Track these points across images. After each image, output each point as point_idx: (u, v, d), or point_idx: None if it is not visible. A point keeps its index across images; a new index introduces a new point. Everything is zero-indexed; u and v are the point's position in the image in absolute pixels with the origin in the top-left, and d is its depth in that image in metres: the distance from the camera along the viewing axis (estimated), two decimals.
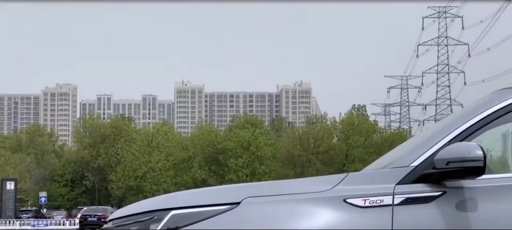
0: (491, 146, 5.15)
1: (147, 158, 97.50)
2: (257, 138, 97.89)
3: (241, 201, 4.19)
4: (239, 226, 4.10)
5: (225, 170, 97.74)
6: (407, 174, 4.18)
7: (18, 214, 71.58)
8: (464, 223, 4.05)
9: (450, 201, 4.09)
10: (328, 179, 4.31)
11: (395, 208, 4.09)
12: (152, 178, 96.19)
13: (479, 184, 4.12)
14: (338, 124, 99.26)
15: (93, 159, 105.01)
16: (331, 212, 4.10)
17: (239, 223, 4.11)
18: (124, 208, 4.68)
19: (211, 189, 4.67)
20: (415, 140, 4.72)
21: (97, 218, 49.90)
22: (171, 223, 4.20)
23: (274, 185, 4.44)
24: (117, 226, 4.48)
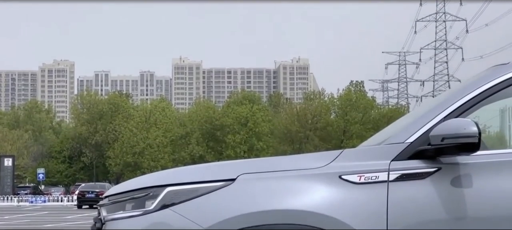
0: (488, 122, 5.15)
1: (145, 134, 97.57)
2: (255, 114, 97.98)
3: (237, 178, 4.20)
4: (235, 202, 4.10)
5: (223, 146, 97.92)
6: (403, 150, 4.18)
7: (16, 190, 71.71)
8: (459, 199, 4.06)
9: (445, 177, 4.09)
10: (324, 155, 4.32)
11: (390, 184, 4.10)
12: (150, 154, 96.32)
13: (474, 160, 4.13)
14: (336, 100, 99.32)
15: (91, 135, 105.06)
16: (326, 188, 4.11)
17: (234, 199, 4.12)
18: (120, 184, 4.69)
19: (206, 166, 4.67)
20: (411, 116, 4.72)
21: (95, 194, 49.95)
22: (167, 200, 4.21)
23: (269, 162, 4.44)
24: (113, 202, 4.48)
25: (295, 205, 4.06)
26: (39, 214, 40.75)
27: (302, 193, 4.11)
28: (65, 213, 40.89)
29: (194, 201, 4.16)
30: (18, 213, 40.97)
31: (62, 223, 29.52)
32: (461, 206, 4.04)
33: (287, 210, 4.05)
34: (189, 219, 4.10)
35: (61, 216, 36.66)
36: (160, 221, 4.17)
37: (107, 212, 4.47)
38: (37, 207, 53.88)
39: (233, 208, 4.09)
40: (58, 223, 29.09)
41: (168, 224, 4.14)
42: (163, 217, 4.17)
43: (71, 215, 37.89)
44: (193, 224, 4.09)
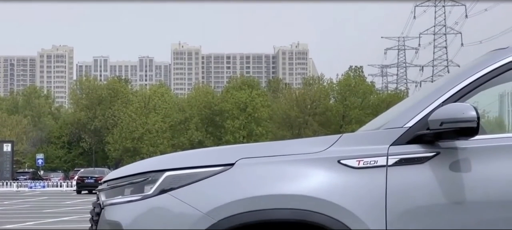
0: (487, 107, 5.15)
1: (144, 120, 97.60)
2: (254, 99, 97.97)
3: (235, 162, 4.20)
4: (234, 187, 4.11)
5: (222, 132, 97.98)
6: (401, 134, 4.18)
7: (15, 175, 71.81)
8: (457, 183, 4.06)
9: (444, 162, 4.09)
10: (322, 140, 4.32)
11: (389, 169, 4.10)
12: (149, 140, 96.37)
13: (473, 145, 4.13)
14: (335, 85, 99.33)
15: (90, 121, 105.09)
16: (325, 173, 4.11)
17: (233, 184, 4.12)
18: (119, 169, 4.69)
19: (205, 150, 4.67)
20: (410, 101, 4.72)
21: (94, 179, 50.01)
22: (166, 184, 4.21)
23: (268, 146, 4.44)
24: (111, 187, 4.48)
25: (294, 190, 4.07)
26: (38, 199, 40.81)
27: (301, 177, 4.11)
28: (64, 198, 40.95)
29: (193, 186, 4.16)
30: (17, 198, 41.03)
31: (62, 208, 29.57)
32: (459, 191, 4.05)
33: (286, 195, 4.05)
34: (188, 204, 4.11)
35: (60, 201, 36.72)
36: (159, 206, 4.17)
37: (106, 197, 4.47)
38: (36, 192, 53.96)
39: (232, 192, 4.09)
40: (57, 208, 29.13)
41: (167, 209, 4.15)
42: (162, 201, 4.17)
43: (70, 200, 37.95)
44: (192, 209, 4.09)
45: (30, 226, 19.14)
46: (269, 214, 4.04)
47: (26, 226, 19.31)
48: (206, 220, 4.05)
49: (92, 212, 4.65)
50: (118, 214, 4.28)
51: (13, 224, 19.78)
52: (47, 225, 19.40)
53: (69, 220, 21.51)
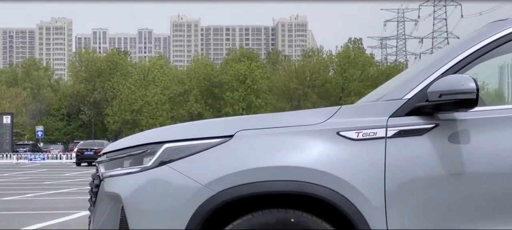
0: (487, 79, 5.15)
1: (143, 92, 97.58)
2: (253, 71, 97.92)
3: (234, 134, 4.20)
4: (233, 159, 4.11)
5: (221, 104, 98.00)
6: (400, 106, 4.18)
7: (15, 148, 71.84)
8: (456, 155, 4.06)
9: (442, 133, 4.09)
10: (321, 112, 4.31)
11: (388, 140, 4.10)
12: (148, 112, 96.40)
13: (472, 116, 4.12)
14: (334, 57, 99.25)
15: (89, 93, 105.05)
16: (324, 145, 4.11)
17: (232, 156, 4.12)
18: (118, 141, 4.69)
19: (204, 122, 4.67)
20: (409, 73, 4.71)
21: (94, 152, 50.02)
22: (165, 156, 4.21)
23: (267, 118, 4.44)
24: (111, 159, 4.49)
25: (293, 162, 4.07)
26: (38, 171, 40.88)
27: (300, 149, 4.11)
28: (64, 170, 41.02)
29: (192, 158, 4.16)
30: (17, 170, 41.09)
31: (61, 180, 29.62)
32: (458, 162, 4.05)
33: (285, 167, 4.06)
34: (187, 176, 4.11)
35: (60, 173, 36.78)
36: (158, 178, 4.17)
37: (105, 169, 4.48)
38: (36, 164, 54.05)
39: (231, 164, 4.09)
40: (57, 180, 29.18)
41: (165, 181, 4.15)
42: (161, 173, 4.18)
43: (70, 172, 38.01)
44: (191, 181, 4.09)
45: (29, 198, 19.18)
46: (268, 186, 4.05)
47: (25, 197, 19.35)
48: (205, 192, 4.06)
49: (91, 184, 4.66)
50: (117, 186, 4.28)
51: (12, 196, 19.82)
52: (47, 197, 19.45)
53: (69, 192, 21.56)
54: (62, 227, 11.92)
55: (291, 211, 4.08)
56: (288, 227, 4.06)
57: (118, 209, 4.26)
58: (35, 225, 12.12)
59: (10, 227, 11.87)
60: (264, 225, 4.07)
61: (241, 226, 4.08)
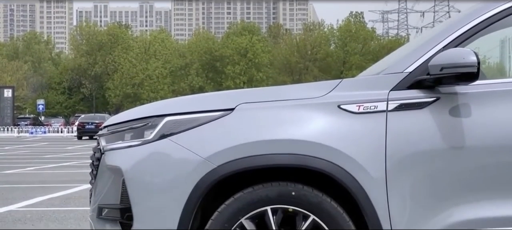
0: (488, 53, 5.14)
1: (144, 66, 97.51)
2: (255, 45, 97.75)
3: (236, 107, 4.20)
4: (233, 132, 4.11)
5: (222, 77, 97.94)
6: (401, 80, 4.17)
7: (16, 121, 71.89)
8: (457, 128, 4.06)
9: (443, 107, 4.09)
10: (322, 85, 4.31)
11: (389, 114, 4.10)
12: (149, 86, 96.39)
13: (473, 90, 4.12)
14: (335, 31, 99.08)
15: (90, 67, 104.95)
16: (325, 118, 4.11)
17: (233, 129, 4.12)
18: (119, 114, 4.69)
19: (205, 95, 4.67)
20: (410, 46, 4.70)
21: (95, 125, 50.02)
22: (165, 129, 4.21)
23: (268, 91, 4.43)
24: (112, 132, 4.49)
25: (294, 135, 4.07)
26: (39, 144, 40.94)
27: (301, 122, 4.11)
28: (65, 144, 41.07)
29: (193, 131, 4.17)
30: (18, 144, 41.15)
31: (62, 153, 29.67)
32: (459, 136, 4.05)
33: (286, 140, 4.06)
34: (188, 149, 4.11)
35: (61, 147, 36.83)
36: (159, 151, 4.18)
37: (106, 142, 4.48)
38: (37, 138, 54.11)
39: (232, 137, 4.10)
40: (58, 154, 29.23)
41: (166, 154, 4.16)
42: (162, 146, 4.18)
43: (71, 146, 38.07)
44: (191, 154, 4.10)
45: (31, 171, 19.22)
46: (269, 159, 4.05)
47: (27, 171, 19.39)
48: (206, 165, 4.06)
49: (92, 157, 4.67)
50: (118, 159, 4.29)
51: (14, 169, 19.86)
52: (48, 170, 19.49)
53: (70, 165, 21.60)
54: (63, 200, 11.95)
55: (292, 184, 4.09)
56: (289, 200, 4.07)
57: (119, 182, 4.27)
58: (36, 198, 12.15)
59: (11, 199, 11.90)
60: (265, 198, 4.08)
61: (242, 199, 4.08)
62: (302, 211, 4.08)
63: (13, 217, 9.94)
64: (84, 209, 10.41)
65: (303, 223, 4.08)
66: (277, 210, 4.09)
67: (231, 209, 4.09)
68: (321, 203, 4.07)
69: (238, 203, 4.09)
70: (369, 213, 4.02)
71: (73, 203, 11.56)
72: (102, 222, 4.41)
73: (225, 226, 4.09)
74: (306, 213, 4.07)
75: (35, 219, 9.69)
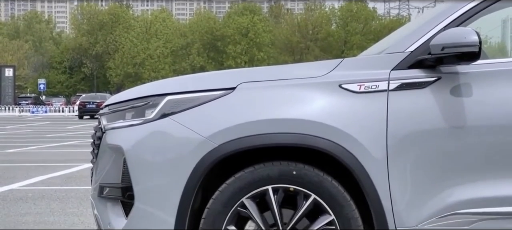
0: (490, 32, 5.14)
1: (146, 45, 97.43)
2: (256, 24, 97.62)
3: (237, 86, 4.19)
4: (235, 111, 4.11)
5: (223, 57, 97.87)
6: (403, 59, 4.17)
7: (17, 100, 71.91)
8: (458, 108, 4.06)
9: (445, 86, 4.09)
10: (324, 64, 4.30)
11: (390, 93, 4.10)
12: (150, 65, 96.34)
13: (474, 69, 4.12)
14: (336, 10, 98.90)
15: (91, 46, 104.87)
16: (326, 97, 4.11)
17: (234, 108, 4.12)
18: (120, 93, 4.68)
19: (206, 74, 4.67)
20: (411, 26, 4.70)
21: (96, 105, 50.02)
22: (167, 108, 4.21)
23: (269, 70, 4.43)
24: (113, 111, 4.49)
25: (295, 114, 4.07)
26: (40, 124, 40.96)
27: (302, 101, 4.11)
28: (66, 123, 41.10)
29: (194, 110, 4.17)
30: (19, 123, 41.18)
31: (64, 133, 29.69)
32: (460, 115, 4.05)
33: (287, 119, 4.06)
34: (189, 128, 4.11)
35: (62, 126, 36.86)
36: (160, 130, 4.18)
37: (107, 121, 4.48)
38: (38, 117, 54.14)
39: (233, 116, 4.10)
40: (59, 133, 29.26)
41: (167, 133, 4.15)
42: (162, 125, 4.18)
43: (72, 125, 38.10)
44: (193, 133, 4.10)
45: (32, 150, 19.25)
46: (270, 138, 4.05)
47: (28, 150, 19.42)
48: (207, 144, 4.07)
49: (93, 136, 4.67)
50: (119, 138, 4.29)
51: (15, 148, 19.89)
52: (49, 149, 19.52)
53: (71, 145, 21.63)
54: (64, 179, 11.97)
55: (293, 163, 4.10)
56: (290, 179, 4.08)
57: (120, 161, 4.28)
58: (37, 178, 12.18)
59: (12, 178, 11.92)
60: (266, 177, 4.09)
61: (243, 179, 4.09)
62: (303, 190, 4.08)
63: (14, 196, 9.96)
64: (85, 188, 10.43)
65: (304, 203, 4.09)
66: (278, 189, 4.10)
67: (232, 188, 4.10)
68: (322, 183, 4.07)
69: (239, 182, 4.10)
70: (370, 192, 4.02)
71: (74, 182, 11.58)
72: (104, 201, 4.41)
73: (226, 205, 4.10)
74: (307, 192, 4.08)
75: (36, 198, 9.72)
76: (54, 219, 8.06)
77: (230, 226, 4.12)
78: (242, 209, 4.11)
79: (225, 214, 4.10)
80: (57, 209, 8.74)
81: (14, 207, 8.97)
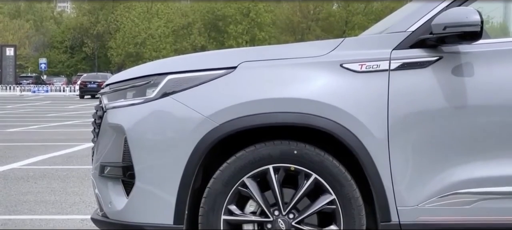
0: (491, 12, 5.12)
1: (147, 25, 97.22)
2: (257, 4, 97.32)
3: (238, 66, 4.18)
4: (236, 90, 4.11)
5: (224, 37, 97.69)
6: (404, 39, 4.16)
7: (18, 80, 71.91)
8: (460, 87, 4.06)
9: (446, 66, 4.08)
10: (325, 44, 4.30)
11: (391, 73, 4.09)
12: (152, 45, 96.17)
13: (476, 49, 4.11)
14: None
15: (92, 26, 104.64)
16: (327, 77, 4.10)
17: (235, 87, 4.12)
18: (122, 72, 4.67)
19: (207, 54, 4.67)
20: (413, 5, 4.67)
21: (97, 84, 50.06)
22: (168, 88, 4.20)
23: (270, 50, 4.43)
24: (114, 90, 4.48)
25: (296, 93, 4.07)
26: (41, 103, 40.98)
27: (303, 81, 4.10)
28: (67, 103, 41.13)
29: (195, 89, 4.16)
30: (21, 102, 41.20)
31: (65, 112, 29.72)
32: (461, 95, 4.05)
33: (288, 98, 4.06)
34: (190, 107, 4.11)
35: (63, 106, 36.88)
36: (161, 109, 4.17)
37: (108, 100, 4.47)
38: (39, 97, 54.16)
39: (234, 96, 4.09)
40: (60, 112, 29.28)
41: (169, 112, 4.15)
42: (164, 105, 4.18)
43: (73, 105, 38.13)
44: (194, 112, 4.09)
45: (33, 130, 19.27)
46: (271, 117, 4.05)
47: (29, 129, 19.44)
48: (208, 123, 4.06)
49: (94, 115, 4.66)
50: (120, 117, 4.29)
51: (16, 128, 19.91)
52: (50, 129, 19.53)
53: (72, 124, 21.65)
54: (65, 158, 11.99)
55: (294, 143, 4.10)
56: (291, 159, 4.08)
57: (121, 140, 4.28)
58: (38, 157, 12.19)
59: (14, 157, 11.94)
60: (267, 157, 4.09)
61: (244, 158, 4.09)
62: (304, 169, 4.08)
63: (16, 175, 9.98)
64: (86, 167, 10.44)
65: (305, 182, 4.09)
66: (279, 169, 4.10)
67: (233, 167, 4.10)
68: (323, 162, 4.07)
69: (240, 162, 4.10)
70: (371, 172, 4.02)
71: (75, 161, 11.60)
72: (104, 180, 4.42)
73: (227, 184, 4.10)
74: (308, 172, 4.08)
75: (37, 177, 9.73)
76: (55, 198, 8.07)
77: (231, 205, 4.12)
78: (243, 189, 4.11)
79: (226, 193, 4.11)
80: (58, 188, 8.76)
81: (15, 186, 8.98)
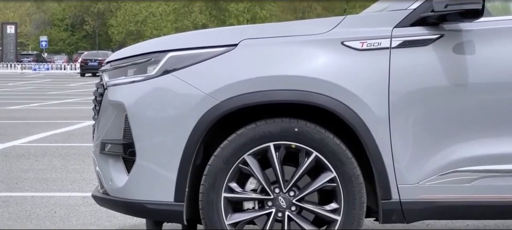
0: None
1: (148, 3, 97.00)
2: None
3: (239, 43, 4.17)
4: (236, 68, 4.10)
5: (225, 15, 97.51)
6: (405, 16, 4.14)
7: (19, 58, 71.87)
8: (461, 65, 4.05)
9: (447, 44, 4.07)
10: (326, 22, 4.29)
11: (392, 50, 4.08)
12: (153, 23, 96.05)
13: (477, 27, 4.10)
14: None
15: (93, 4, 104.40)
16: (328, 54, 4.10)
17: (236, 65, 4.11)
18: (122, 50, 4.66)
19: (208, 31, 4.66)
20: None
21: (98, 62, 50.04)
22: (169, 65, 4.19)
23: (271, 27, 4.44)
24: (115, 68, 4.46)
25: (297, 71, 4.06)
26: (42, 81, 40.99)
27: (304, 58, 4.10)
28: (68, 81, 41.15)
29: (196, 66, 4.15)
30: (21, 80, 41.22)
31: (66, 90, 29.72)
32: (463, 73, 4.04)
33: (289, 76, 4.05)
34: (190, 84, 4.10)
35: (64, 84, 36.90)
36: (162, 86, 4.16)
37: (109, 78, 4.46)
38: (40, 75, 54.18)
39: (235, 73, 4.09)
40: (61, 90, 29.29)
41: (169, 89, 4.15)
42: (164, 82, 4.17)
43: (74, 83, 38.14)
44: (194, 90, 4.09)
45: (34, 107, 19.28)
46: (272, 95, 4.05)
47: (30, 107, 19.45)
48: (209, 100, 4.06)
49: (95, 93, 4.66)
50: (121, 95, 4.28)
51: (17, 105, 19.92)
52: (51, 107, 19.54)
53: (73, 102, 21.66)
54: (66, 136, 12.01)
55: (295, 120, 4.09)
56: (292, 136, 4.08)
57: (122, 118, 4.27)
58: (39, 134, 12.21)
59: (14, 135, 11.95)
60: (268, 134, 4.09)
61: (245, 135, 4.09)
62: (305, 147, 4.08)
63: (17, 152, 10.00)
64: (87, 145, 10.45)
65: (305, 160, 4.09)
66: (280, 146, 4.10)
67: (233, 145, 4.10)
68: (324, 140, 4.07)
69: (241, 139, 4.09)
70: (372, 150, 4.02)
71: (76, 139, 11.62)
72: (105, 157, 4.41)
73: (227, 161, 4.10)
74: (309, 150, 4.08)
75: (38, 154, 9.75)
76: (56, 176, 8.09)
77: (232, 183, 4.13)
78: (243, 166, 4.11)
79: (227, 170, 4.11)
80: (59, 166, 8.77)
81: (17, 163, 9.00)
